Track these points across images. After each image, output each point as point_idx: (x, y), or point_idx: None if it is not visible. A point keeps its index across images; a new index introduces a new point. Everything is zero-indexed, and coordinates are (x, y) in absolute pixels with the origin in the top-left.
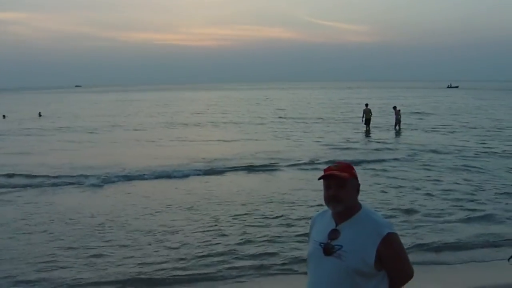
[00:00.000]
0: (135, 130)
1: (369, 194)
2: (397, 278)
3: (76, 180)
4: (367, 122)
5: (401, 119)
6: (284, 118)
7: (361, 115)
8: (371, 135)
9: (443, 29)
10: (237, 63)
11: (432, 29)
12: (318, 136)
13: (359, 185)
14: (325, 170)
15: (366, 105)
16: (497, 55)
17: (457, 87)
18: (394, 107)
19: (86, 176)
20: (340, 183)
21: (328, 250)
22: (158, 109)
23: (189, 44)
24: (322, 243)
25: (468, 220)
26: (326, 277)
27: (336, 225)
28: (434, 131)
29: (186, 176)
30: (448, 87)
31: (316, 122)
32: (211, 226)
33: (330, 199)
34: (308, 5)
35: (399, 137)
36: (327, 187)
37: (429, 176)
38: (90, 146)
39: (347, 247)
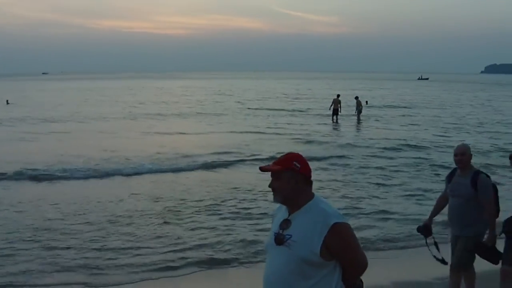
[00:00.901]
0: (93, 119)
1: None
2: (350, 268)
3: None
4: (335, 112)
5: (362, 110)
6: (251, 109)
7: (330, 105)
8: (338, 126)
9: (413, 21)
10: (206, 52)
11: (402, 21)
12: (282, 128)
13: (304, 176)
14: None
15: (338, 96)
16: (468, 48)
17: (427, 79)
18: (356, 97)
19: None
20: (274, 175)
21: (279, 239)
22: (123, 98)
23: (158, 33)
24: (276, 233)
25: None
26: (277, 266)
27: (289, 215)
28: (390, 124)
29: (129, 174)
30: (418, 79)
31: (282, 114)
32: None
33: (272, 190)
34: None
35: (359, 129)
36: (272, 178)
37: (383, 173)
38: (34, 138)
39: (295, 237)
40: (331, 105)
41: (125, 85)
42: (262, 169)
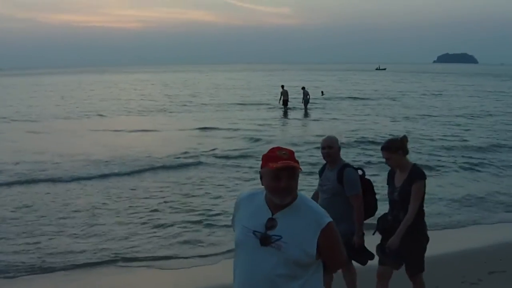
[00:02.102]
0: (29, 121)
1: None
2: (333, 265)
3: None
4: (285, 103)
5: (309, 100)
6: (204, 104)
7: (279, 97)
8: (288, 116)
9: (367, 12)
10: (161, 46)
11: (355, 12)
12: (233, 123)
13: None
14: (274, 157)
15: (282, 86)
16: (421, 38)
17: (384, 69)
18: (303, 88)
19: None
20: (292, 174)
21: (265, 240)
22: (71, 93)
23: (111, 26)
24: (257, 232)
25: None
26: (263, 267)
27: (272, 214)
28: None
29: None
30: (376, 69)
31: (235, 108)
32: None
33: (280, 191)
34: None
35: (305, 124)
36: (276, 178)
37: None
38: None
39: (286, 238)
40: (280, 97)
41: (77, 80)
42: (289, 166)
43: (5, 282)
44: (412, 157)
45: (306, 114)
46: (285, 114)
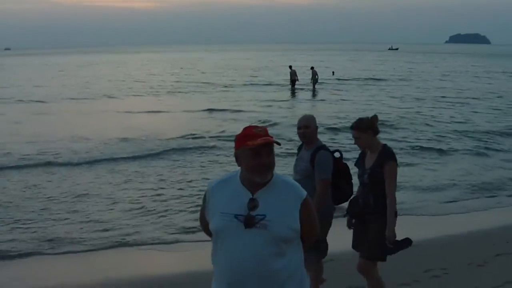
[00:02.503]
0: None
1: None
2: (309, 238)
3: None
4: (293, 83)
5: (318, 80)
6: (212, 84)
7: (289, 78)
8: (296, 97)
9: None
10: (172, 26)
11: None
12: (240, 105)
13: None
14: (252, 135)
15: (290, 67)
16: (433, 18)
17: (397, 49)
18: (312, 68)
19: None
20: (271, 150)
21: (249, 221)
22: (76, 73)
23: (124, 6)
24: (240, 215)
25: None
26: (251, 249)
27: (252, 194)
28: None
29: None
30: (389, 49)
31: (243, 88)
32: None
33: (262, 168)
34: None
35: (314, 104)
36: (257, 155)
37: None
38: None
39: (270, 216)
40: (290, 77)
41: (89, 60)
42: (269, 141)
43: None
44: (420, 140)
45: (314, 94)
46: (293, 94)
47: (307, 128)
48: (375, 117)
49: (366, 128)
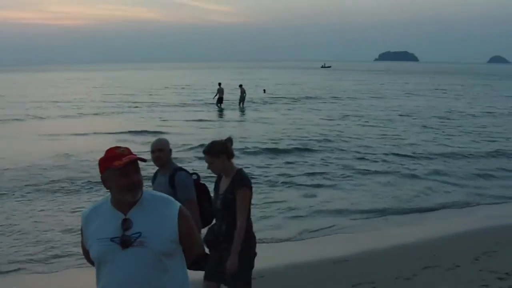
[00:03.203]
0: None
1: None
2: (190, 251)
3: None
4: (220, 101)
5: (246, 97)
6: (137, 103)
7: (215, 94)
8: (223, 116)
9: (311, 11)
10: (104, 43)
11: (299, 10)
12: (164, 125)
13: None
14: (116, 156)
15: (219, 84)
16: (364, 36)
17: (330, 66)
18: (240, 85)
19: None
20: (138, 168)
21: (126, 242)
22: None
23: (48, 23)
24: (115, 238)
25: None
26: (132, 269)
27: (125, 215)
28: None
29: None
30: (322, 67)
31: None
32: None
33: (132, 187)
34: None
35: (241, 122)
36: (125, 174)
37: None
38: None
39: (146, 233)
40: (216, 94)
41: (12, 78)
42: (138, 159)
43: None
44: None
45: (241, 113)
46: (221, 113)
47: (161, 151)
48: (229, 140)
49: (219, 152)
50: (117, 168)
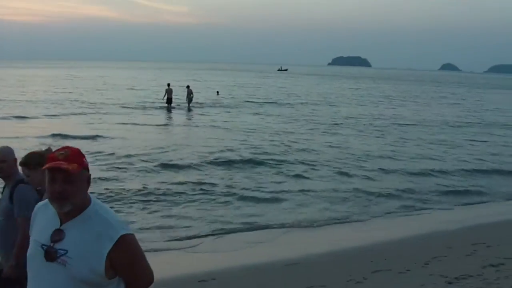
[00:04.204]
0: None
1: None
2: (136, 283)
3: None
4: (169, 101)
5: (193, 99)
6: (85, 102)
7: (163, 95)
8: (171, 114)
9: (265, 13)
10: (56, 40)
11: (253, 13)
12: (99, 129)
13: (90, 176)
14: (49, 158)
15: (168, 84)
16: (318, 40)
17: (286, 70)
18: (187, 86)
19: None
20: (68, 178)
21: (50, 255)
22: None
23: (4, 19)
24: (44, 245)
25: None
26: (49, 285)
27: (61, 224)
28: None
29: None
30: (278, 70)
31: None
32: None
33: (54, 196)
34: None
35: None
36: (52, 180)
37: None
38: None
39: (72, 253)
40: (165, 95)
41: None
42: (60, 168)
43: None
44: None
45: (188, 116)
46: (168, 115)
47: (3, 162)
48: (47, 152)
49: (36, 164)
50: (44, 170)
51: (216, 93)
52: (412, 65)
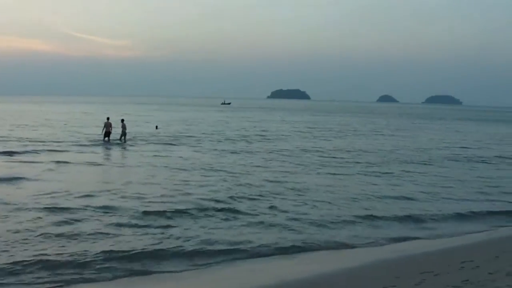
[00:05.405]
0: None
1: None
2: None
3: None
4: (107, 134)
5: (126, 133)
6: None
7: (102, 128)
8: (106, 150)
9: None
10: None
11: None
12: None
13: None
14: None
15: (108, 118)
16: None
17: (229, 103)
18: (122, 120)
19: None
20: None
21: None
22: None
23: None
24: None
25: None
26: None
27: None
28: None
29: None
30: (222, 103)
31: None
32: None
33: None
34: (65, 16)
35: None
36: None
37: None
38: None
39: None
40: (103, 128)
41: None
42: None
43: None
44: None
45: (123, 155)
46: (105, 144)
47: None
48: None
49: None
50: None
51: (156, 128)
52: (350, 96)
